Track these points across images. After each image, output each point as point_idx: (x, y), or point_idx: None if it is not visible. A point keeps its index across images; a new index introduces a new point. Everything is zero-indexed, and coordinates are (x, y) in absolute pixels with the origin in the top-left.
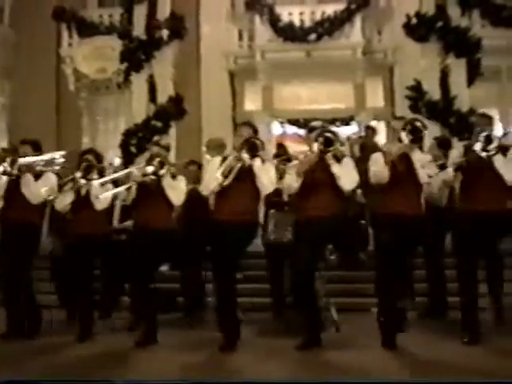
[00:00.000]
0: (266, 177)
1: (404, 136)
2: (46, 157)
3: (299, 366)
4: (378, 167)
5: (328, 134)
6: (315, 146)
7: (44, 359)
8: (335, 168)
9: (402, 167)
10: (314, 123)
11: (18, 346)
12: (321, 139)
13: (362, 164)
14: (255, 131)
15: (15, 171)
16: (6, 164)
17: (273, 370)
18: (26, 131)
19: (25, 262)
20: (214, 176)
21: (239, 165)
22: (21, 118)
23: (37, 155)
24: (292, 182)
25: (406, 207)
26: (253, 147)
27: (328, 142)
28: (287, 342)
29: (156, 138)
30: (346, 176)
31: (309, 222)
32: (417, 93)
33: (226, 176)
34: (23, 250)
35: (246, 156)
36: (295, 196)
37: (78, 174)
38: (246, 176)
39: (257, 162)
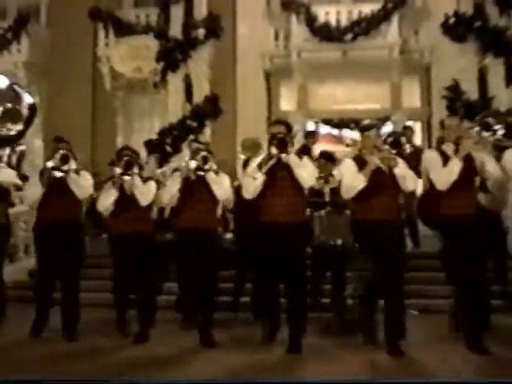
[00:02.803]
0: (305, 171)
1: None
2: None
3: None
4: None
5: (397, 135)
6: (383, 147)
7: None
8: (398, 169)
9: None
10: (367, 122)
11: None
12: (390, 139)
13: None
14: (288, 129)
15: (66, 167)
16: (56, 160)
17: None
18: (61, 130)
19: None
20: (251, 178)
21: (272, 162)
22: (57, 116)
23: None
24: (353, 182)
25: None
26: (281, 143)
27: (397, 144)
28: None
29: (191, 137)
30: (409, 177)
31: (374, 224)
32: (454, 93)
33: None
34: (69, 248)
35: (276, 152)
36: (355, 198)
37: (119, 171)
38: (283, 173)
39: (293, 158)
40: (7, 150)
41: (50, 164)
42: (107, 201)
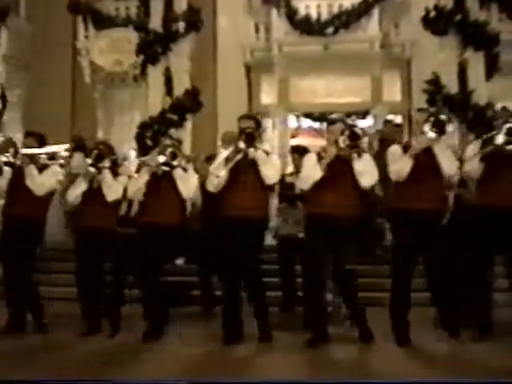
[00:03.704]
0: (271, 168)
1: (427, 128)
2: (51, 150)
3: (304, 362)
4: (398, 165)
5: (355, 128)
6: (341, 140)
7: (58, 355)
8: (357, 164)
9: (424, 161)
10: (334, 116)
11: (28, 342)
12: (347, 133)
13: (381, 158)
14: (257, 124)
15: (18, 162)
16: (8, 154)
17: (275, 366)
18: (41, 123)
19: (28, 257)
20: (216, 171)
21: (239, 156)
22: (36, 110)
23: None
24: (309, 175)
25: (426, 202)
26: (250, 138)
27: (354, 136)
28: (293, 338)
29: (172, 131)
30: (367, 173)
31: (325, 219)
32: (434, 86)
33: (228, 171)
34: (26, 244)
35: (243, 146)
36: (311, 191)
37: (89, 161)
38: (249, 168)
39: (260, 154)
40: None
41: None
42: (76, 191)
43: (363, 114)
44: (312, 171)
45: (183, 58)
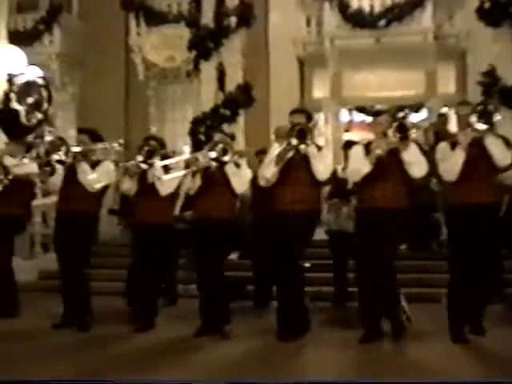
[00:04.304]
0: (322, 164)
1: (474, 120)
2: (103, 145)
3: (354, 360)
4: (448, 163)
5: (404, 120)
6: (390, 132)
7: (103, 351)
8: (405, 155)
9: (475, 154)
10: (379, 107)
11: (77, 337)
12: (396, 124)
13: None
14: (309, 117)
15: (69, 160)
16: (60, 153)
17: (328, 361)
18: (95, 120)
19: (82, 253)
20: (268, 166)
21: (291, 154)
22: (90, 107)
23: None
24: (357, 169)
25: (481, 195)
26: (301, 134)
27: (403, 128)
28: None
29: (224, 126)
30: (417, 163)
31: (375, 212)
32: (490, 78)
33: (278, 164)
34: (80, 240)
35: (295, 143)
36: (360, 184)
37: (140, 158)
38: (301, 164)
39: (311, 150)
40: (36, 140)
41: (55, 157)
42: (128, 184)
43: (417, 108)
44: (360, 164)
45: (235, 53)
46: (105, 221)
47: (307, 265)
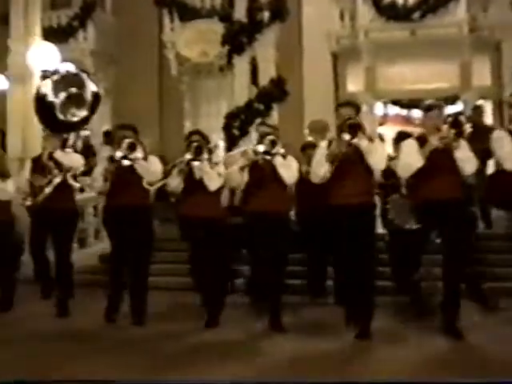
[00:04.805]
0: (376, 155)
1: None
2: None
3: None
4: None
5: (459, 116)
6: (444, 128)
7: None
8: (458, 152)
9: None
10: (429, 102)
11: (133, 334)
12: (451, 120)
13: (473, 144)
14: (357, 110)
15: (133, 156)
16: (123, 149)
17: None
18: (129, 115)
19: (141, 246)
20: (321, 162)
21: (343, 149)
22: (124, 102)
23: None
24: (410, 163)
25: None
26: (353, 128)
27: (458, 124)
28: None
29: (259, 120)
30: (469, 160)
31: (434, 204)
32: None
33: (331, 161)
34: (138, 233)
35: (348, 138)
36: (413, 179)
37: (188, 156)
38: (354, 157)
39: (364, 142)
40: (72, 136)
41: (118, 154)
42: (175, 181)
43: (452, 100)
44: (413, 159)
45: (268, 48)
46: None
47: None
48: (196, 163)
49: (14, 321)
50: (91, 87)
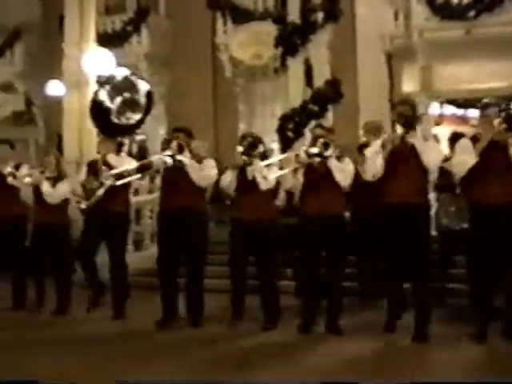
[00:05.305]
0: (431, 153)
1: None
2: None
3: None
4: None
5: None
6: (496, 123)
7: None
8: None
9: None
10: (487, 100)
11: (182, 336)
12: (503, 115)
13: None
14: (413, 109)
15: (179, 156)
16: (172, 149)
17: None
18: (184, 118)
19: (197, 248)
20: (375, 160)
21: (396, 142)
22: (179, 105)
23: None
24: (463, 161)
25: None
26: (406, 122)
27: (510, 119)
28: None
29: (313, 122)
30: None
31: (488, 208)
32: None
33: (385, 157)
34: (193, 235)
35: (401, 132)
36: (467, 178)
37: (240, 149)
38: (407, 154)
39: (418, 140)
40: (127, 140)
41: (165, 153)
42: (228, 178)
43: (509, 99)
44: (468, 156)
45: (322, 49)
46: None
47: None
48: (245, 158)
49: (71, 323)
50: (143, 87)
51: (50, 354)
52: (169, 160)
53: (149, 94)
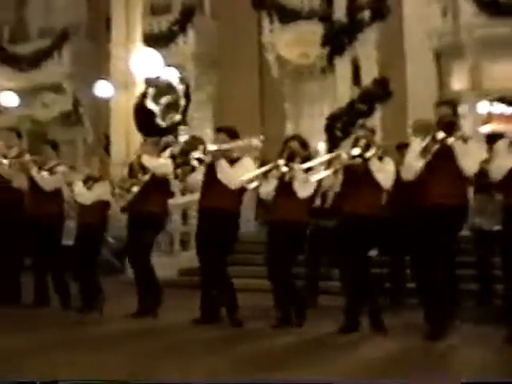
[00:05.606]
0: (470, 157)
1: None
2: (242, 143)
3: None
4: None
5: None
6: None
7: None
8: None
9: None
10: None
11: (217, 334)
12: None
13: None
14: (455, 110)
15: (208, 158)
16: (198, 151)
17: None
18: (231, 119)
19: (223, 250)
20: (414, 158)
21: (437, 146)
22: (226, 105)
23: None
24: (501, 164)
25: None
26: (447, 126)
27: None
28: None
29: (361, 121)
30: None
31: None
32: None
33: (425, 158)
34: (221, 237)
35: (442, 136)
36: (505, 180)
37: (281, 162)
38: (447, 157)
39: (458, 143)
40: (171, 141)
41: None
42: (267, 188)
43: None
44: (504, 161)
45: (370, 47)
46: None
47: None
48: (285, 169)
49: (107, 320)
50: (182, 89)
51: (83, 351)
52: (195, 163)
53: (187, 96)
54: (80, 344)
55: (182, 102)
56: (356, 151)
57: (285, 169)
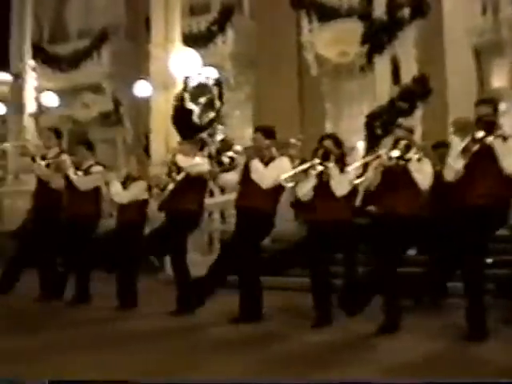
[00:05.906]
0: (508, 159)
1: None
2: (275, 143)
3: None
4: None
5: None
6: None
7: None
8: None
9: None
10: None
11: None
12: None
13: None
14: (495, 108)
15: (241, 159)
16: (232, 151)
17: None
18: (270, 118)
19: (255, 248)
20: (455, 158)
21: (477, 146)
22: (265, 105)
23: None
24: None
25: None
26: (487, 126)
27: None
28: None
29: (400, 120)
30: None
31: None
32: None
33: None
34: (254, 236)
35: (482, 135)
36: None
37: (317, 161)
38: (487, 156)
39: (498, 143)
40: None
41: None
42: (305, 187)
43: None
44: None
45: (410, 45)
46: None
47: (489, 260)
48: (320, 168)
49: (140, 318)
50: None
51: (110, 350)
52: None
53: (220, 97)
54: (113, 342)
55: (217, 102)
56: (395, 153)
57: (320, 168)
